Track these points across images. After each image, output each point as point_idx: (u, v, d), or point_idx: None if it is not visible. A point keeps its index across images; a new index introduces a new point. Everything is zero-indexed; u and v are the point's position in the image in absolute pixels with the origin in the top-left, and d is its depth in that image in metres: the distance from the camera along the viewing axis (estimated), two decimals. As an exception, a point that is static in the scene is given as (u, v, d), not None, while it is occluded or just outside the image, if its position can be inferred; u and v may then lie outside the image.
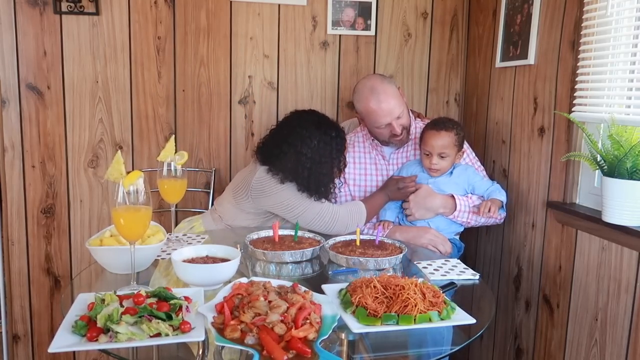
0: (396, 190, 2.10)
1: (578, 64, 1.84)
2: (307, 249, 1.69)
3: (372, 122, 2.11)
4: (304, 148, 1.93)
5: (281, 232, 1.82)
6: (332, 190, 2.03)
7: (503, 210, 2.10)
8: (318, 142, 1.95)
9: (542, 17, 2.04)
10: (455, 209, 2.04)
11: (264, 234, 1.84)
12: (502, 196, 2.07)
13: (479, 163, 2.24)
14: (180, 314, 1.16)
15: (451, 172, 2.10)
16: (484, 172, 2.23)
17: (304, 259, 1.69)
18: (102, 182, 2.46)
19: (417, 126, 2.24)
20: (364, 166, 2.23)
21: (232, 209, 2.05)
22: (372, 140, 2.23)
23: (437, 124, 2.08)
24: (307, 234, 1.86)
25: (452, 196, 2.05)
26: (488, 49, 2.47)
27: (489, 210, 2.01)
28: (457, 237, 2.20)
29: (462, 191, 2.10)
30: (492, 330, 2.38)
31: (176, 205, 1.83)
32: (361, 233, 1.79)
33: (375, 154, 2.24)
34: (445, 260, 1.73)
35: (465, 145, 2.23)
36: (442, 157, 2.05)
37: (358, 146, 2.25)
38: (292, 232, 1.83)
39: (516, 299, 2.20)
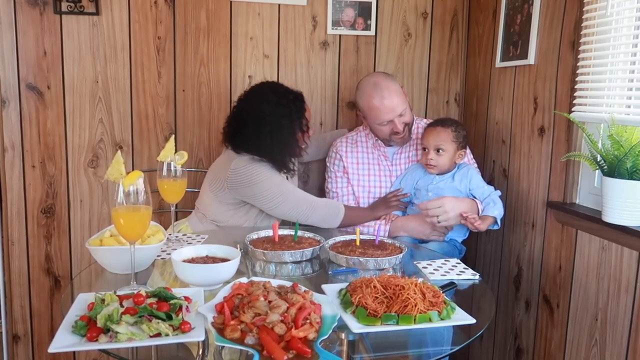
0: (382, 203, 2.13)
1: (578, 64, 1.84)
2: (307, 249, 1.68)
3: (374, 118, 2.11)
4: (262, 114, 1.95)
5: (281, 232, 1.82)
6: (300, 153, 2.06)
7: (497, 225, 2.02)
8: (275, 105, 1.96)
9: (542, 17, 2.03)
10: (478, 213, 1.99)
11: (263, 234, 1.84)
12: (496, 210, 1.99)
13: (475, 165, 2.23)
14: (180, 314, 1.16)
15: (453, 178, 2.09)
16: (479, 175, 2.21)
17: (304, 259, 1.69)
18: (102, 182, 2.46)
19: (420, 125, 2.24)
20: (367, 166, 2.23)
21: (211, 202, 2.05)
22: (375, 140, 2.23)
23: (435, 122, 2.11)
24: (307, 234, 1.86)
25: (474, 199, 2.03)
26: (488, 49, 2.47)
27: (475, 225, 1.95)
28: (459, 240, 2.19)
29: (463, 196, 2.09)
30: (492, 330, 2.38)
31: (176, 205, 1.83)
32: (361, 233, 1.79)
33: (378, 154, 2.23)
34: (445, 260, 1.73)
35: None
36: (438, 152, 2.05)
37: (361, 145, 2.25)
38: (292, 232, 1.83)
39: (516, 299, 2.20)
